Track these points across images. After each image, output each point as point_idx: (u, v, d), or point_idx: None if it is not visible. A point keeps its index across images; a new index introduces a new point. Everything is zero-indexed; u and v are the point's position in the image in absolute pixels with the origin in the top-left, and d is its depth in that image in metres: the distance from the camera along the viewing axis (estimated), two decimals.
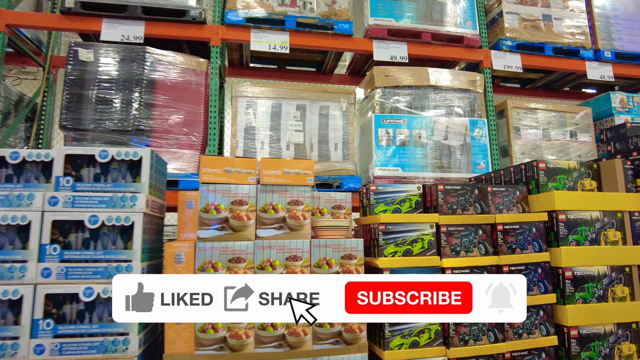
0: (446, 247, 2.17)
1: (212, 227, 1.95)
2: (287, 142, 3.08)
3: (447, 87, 3.40)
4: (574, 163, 2.57)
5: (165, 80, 3.12)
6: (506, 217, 2.28)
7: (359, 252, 2.06)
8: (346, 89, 3.24)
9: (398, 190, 2.30)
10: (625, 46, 4.01)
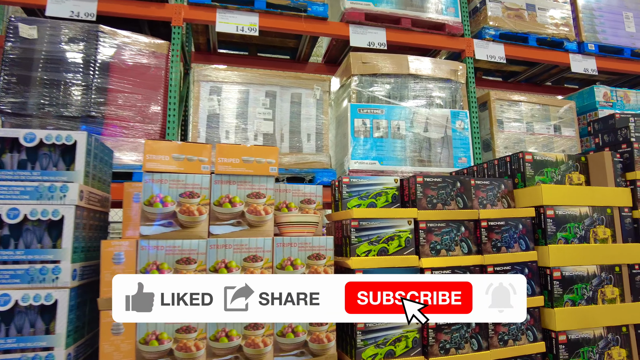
0: (425, 245, 1.96)
1: (157, 223, 1.68)
2: (255, 131, 2.83)
3: (428, 77, 3.21)
4: (561, 155, 2.39)
5: (121, 62, 2.83)
6: (491, 212, 2.08)
7: (329, 251, 1.82)
8: (320, 76, 3.01)
9: (373, 182, 2.07)
10: (609, 39, 3.90)
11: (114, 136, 2.77)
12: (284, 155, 2.80)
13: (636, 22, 4.09)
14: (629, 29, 4.05)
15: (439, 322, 1.87)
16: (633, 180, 2.43)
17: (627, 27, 4.05)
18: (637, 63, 4.03)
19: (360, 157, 2.91)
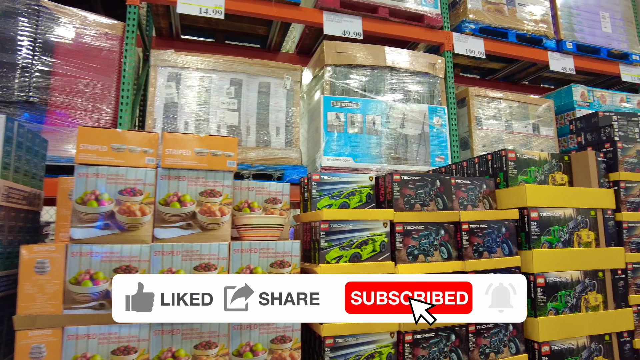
0: (402, 250, 1.77)
1: (92, 225, 1.42)
2: (219, 123, 2.58)
3: (405, 70, 3.03)
4: (545, 154, 2.25)
5: (68, 43, 2.52)
6: (472, 214, 1.92)
7: (294, 258, 1.61)
8: (291, 65, 2.79)
9: (346, 180, 1.87)
10: (586, 38, 3.84)
11: (58, 125, 2.46)
12: (250, 150, 2.57)
13: (612, 23, 4.06)
14: (605, 29, 4.00)
15: (417, 337, 1.69)
16: (616, 181, 2.32)
17: (603, 27, 4.00)
18: (613, 64, 3.99)
19: (333, 154, 2.71)
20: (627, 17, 4.14)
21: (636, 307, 2.23)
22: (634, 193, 2.35)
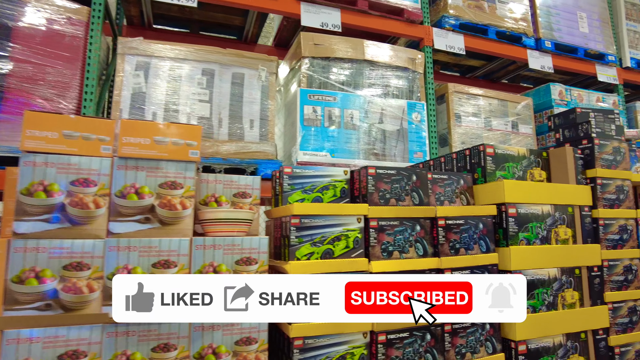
0: (376, 246, 1.70)
1: (39, 218, 1.31)
2: (189, 114, 2.46)
3: (385, 64, 2.97)
4: (523, 150, 2.22)
5: (27, 26, 2.37)
6: (449, 209, 1.86)
7: (262, 255, 1.52)
8: (266, 56, 2.69)
9: (320, 174, 1.79)
10: (564, 37, 3.85)
11: (15, 114, 2.31)
12: (222, 143, 2.46)
13: (589, 23, 4.09)
14: (582, 29, 4.03)
15: (391, 337, 1.62)
16: (593, 177, 2.31)
17: (581, 27, 4.03)
18: (589, 64, 4.02)
19: (310, 148, 2.63)
20: (604, 18, 4.18)
21: (611, 305, 2.22)
22: (610, 190, 2.33)
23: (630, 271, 2.33)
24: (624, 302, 2.26)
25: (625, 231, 2.36)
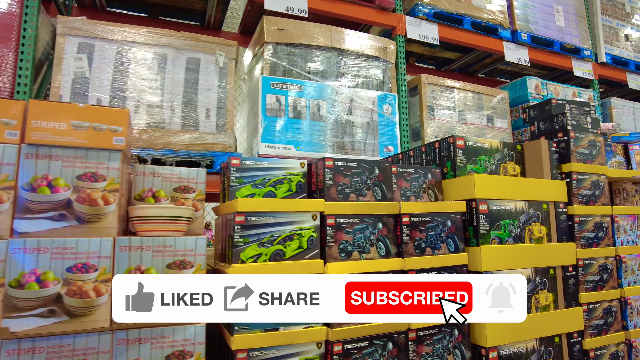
0: (333, 246, 1.53)
1: None
2: (137, 101, 2.25)
3: (354, 52, 2.81)
4: (496, 142, 2.08)
5: None
6: (414, 205, 1.70)
7: (198, 257, 1.33)
8: (225, 40, 2.49)
9: (273, 167, 1.61)
10: (540, 30, 3.76)
11: None
12: (174, 134, 2.25)
13: (565, 17, 4.01)
14: (558, 22, 3.95)
15: (348, 347, 1.46)
16: (569, 172, 2.19)
17: (557, 21, 3.95)
18: (565, 58, 3.94)
19: (273, 141, 2.44)
20: (579, 12, 4.11)
21: (586, 306, 2.11)
22: (585, 185, 2.22)
23: (605, 270, 2.22)
24: (599, 302, 2.16)
25: (601, 229, 2.25)
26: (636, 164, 2.59)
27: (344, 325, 1.49)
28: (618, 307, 2.23)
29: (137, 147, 2.21)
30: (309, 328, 1.45)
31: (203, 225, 1.64)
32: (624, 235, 2.36)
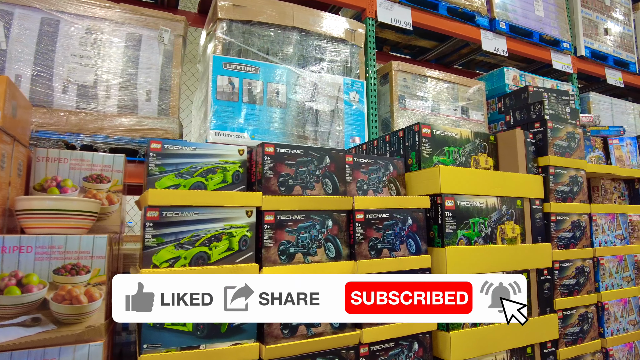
0: (272, 247, 1.30)
1: None
2: (66, 80, 1.97)
3: (319, 34, 2.57)
4: (467, 132, 1.88)
5: None
6: (370, 200, 1.48)
7: (97, 261, 1.08)
8: (171, 15, 2.22)
9: (204, 153, 1.36)
10: (519, 20, 3.59)
11: None
12: (108, 117, 1.98)
13: (545, 7, 3.86)
14: (538, 12, 3.79)
15: None
16: (545, 166, 2.01)
17: (536, 11, 3.79)
18: (545, 49, 3.79)
19: (224, 128, 2.19)
20: (559, 3, 3.96)
21: (561, 312, 1.93)
22: (563, 181, 2.04)
23: (582, 273, 2.05)
24: (574, 309, 1.98)
25: (579, 228, 2.08)
26: (616, 159, 2.43)
27: (280, 342, 1.26)
28: (595, 313, 2.06)
29: (64, 132, 1.93)
30: (237, 346, 1.21)
31: (120, 222, 1.39)
32: (602, 235, 2.19)
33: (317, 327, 1.33)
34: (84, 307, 1.07)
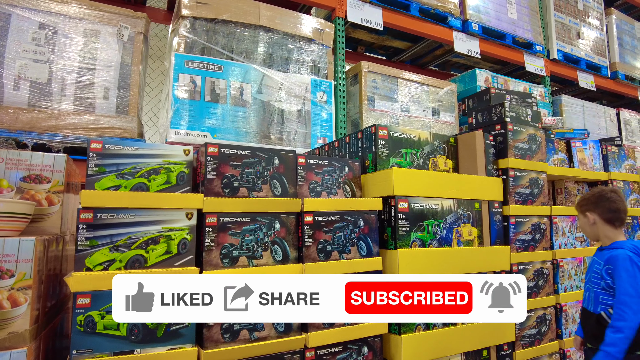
0: (214, 250, 1.27)
1: None
2: (17, 76, 1.91)
3: (286, 33, 2.55)
4: (425, 134, 1.87)
5: None
6: (320, 203, 1.46)
7: (22, 264, 1.05)
8: (131, 12, 2.17)
9: (147, 153, 1.32)
10: (492, 22, 3.61)
11: None
12: (63, 116, 1.93)
13: (518, 10, 3.89)
14: (511, 15, 3.82)
15: None
16: (505, 168, 2.01)
17: (509, 13, 3.81)
18: (517, 52, 3.82)
19: (184, 127, 2.15)
20: (532, 6, 3.99)
21: None
22: (523, 183, 2.05)
23: (541, 275, 2.06)
24: (532, 311, 1.99)
25: (539, 230, 2.09)
26: (578, 162, 2.46)
27: (220, 346, 1.23)
28: (553, 314, 2.08)
29: (15, 130, 1.88)
30: (174, 350, 1.18)
31: (60, 223, 1.35)
32: (563, 237, 2.21)
33: (260, 331, 1.31)
34: (6, 313, 1.03)
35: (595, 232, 1.64)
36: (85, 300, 1.09)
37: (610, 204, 1.60)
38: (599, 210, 1.61)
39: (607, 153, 2.66)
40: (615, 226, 1.60)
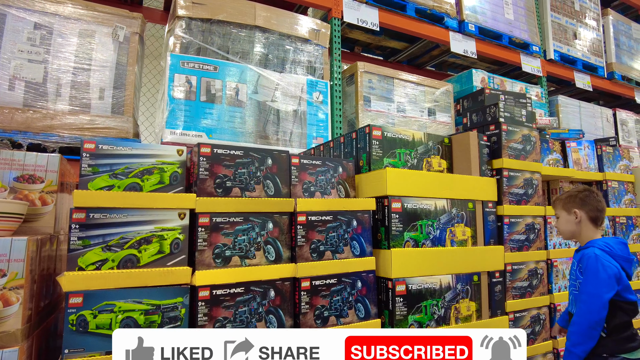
0: (206, 250, 1.28)
1: None
2: (13, 76, 1.91)
3: (282, 33, 2.55)
4: (419, 134, 1.88)
5: None
6: (313, 203, 1.47)
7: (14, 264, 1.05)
8: (127, 12, 2.18)
9: (141, 153, 1.33)
10: (488, 22, 3.62)
11: None
12: (59, 116, 1.94)
13: (514, 10, 3.90)
14: (508, 15, 3.83)
15: None
16: (499, 169, 2.02)
17: (506, 14, 3.83)
18: (514, 52, 3.83)
19: (180, 127, 2.16)
20: (529, 6, 4.00)
21: (513, 315, 1.95)
22: (517, 183, 2.06)
23: (535, 275, 2.07)
24: (526, 310, 2.00)
25: (533, 230, 2.10)
26: (573, 162, 2.47)
27: None
28: (547, 314, 2.09)
29: (10, 130, 1.88)
30: None
31: (54, 223, 1.35)
32: (557, 237, 2.22)
33: None
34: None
35: (577, 230, 1.64)
36: (78, 300, 1.10)
37: (597, 203, 1.61)
38: (587, 208, 1.62)
39: (602, 153, 2.67)
40: (597, 225, 1.62)
